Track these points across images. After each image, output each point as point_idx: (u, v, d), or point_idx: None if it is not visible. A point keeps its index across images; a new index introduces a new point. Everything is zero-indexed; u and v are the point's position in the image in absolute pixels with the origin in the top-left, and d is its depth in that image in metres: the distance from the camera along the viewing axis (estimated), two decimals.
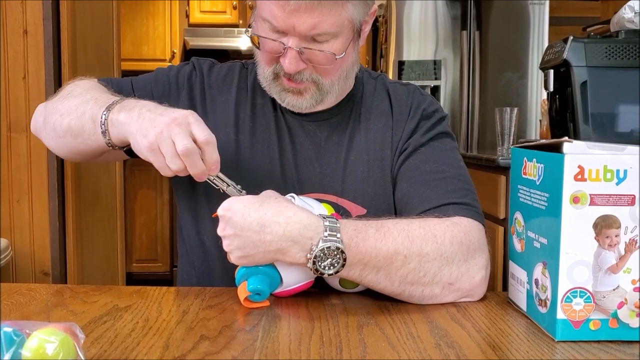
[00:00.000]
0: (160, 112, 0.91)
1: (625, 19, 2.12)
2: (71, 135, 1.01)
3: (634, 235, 0.73)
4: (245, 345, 0.73)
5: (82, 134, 0.99)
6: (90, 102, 0.99)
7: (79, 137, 1.00)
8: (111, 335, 0.76)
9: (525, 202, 0.84)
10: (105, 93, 1.04)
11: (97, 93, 1.03)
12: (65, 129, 1.01)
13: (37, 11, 2.09)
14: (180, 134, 0.87)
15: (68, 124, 1.00)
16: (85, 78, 1.12)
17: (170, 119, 0.88)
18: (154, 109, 0.92)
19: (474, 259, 0.91)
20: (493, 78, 3.36)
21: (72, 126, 1.00)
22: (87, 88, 1.06)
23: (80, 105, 1.00)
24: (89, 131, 0.98)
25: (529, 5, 3.35)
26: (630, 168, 0.73)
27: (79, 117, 0.99)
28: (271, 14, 0.95)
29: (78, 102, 1.01)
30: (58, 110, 1.03)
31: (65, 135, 1.02)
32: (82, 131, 0.99)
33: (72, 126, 1.00)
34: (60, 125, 1.02)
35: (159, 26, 4.49)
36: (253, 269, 0.89)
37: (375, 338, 0.76)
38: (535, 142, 0.83)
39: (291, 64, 0.98)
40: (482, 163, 2.37)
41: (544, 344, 0.75)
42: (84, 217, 2.33)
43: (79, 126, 0.99)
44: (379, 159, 1.08)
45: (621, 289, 0.74)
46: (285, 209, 0.87)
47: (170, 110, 0.91)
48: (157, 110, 0.91)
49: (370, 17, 1.04)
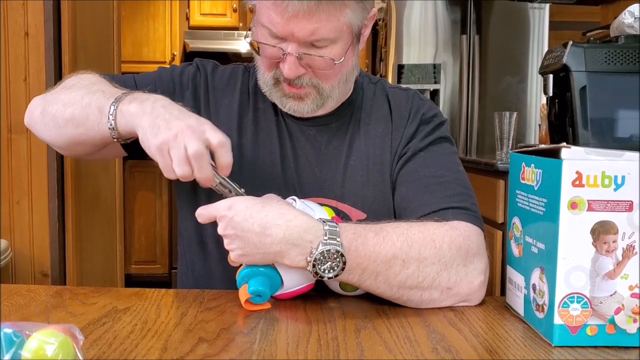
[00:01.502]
0: (176, 115, 0.89)
1: (625, 24, 2.13)
2: (73, 124, 0.99)
3: (632, 241, 0.74)
4: (243, 348, 0.73)
5: (86, 124, 0.97)
6: (97, 93, 0.98)
7: (81, 127, 0.98)
8: (110, 336, 0.76)
9: (523, 207, 0.85)
10: (112, 87, 1.02)
11: (104, 86, 1.02)
12: (68, 118, 0.99)
13: (38, 13, 2.10)
14: (193, 138, 0.86)
15: (72, 113, 0.99)
16: (88, 72, 1.11)
17: (186, 125, 0.87)
18: (168, 107, 0.91)
19: (472, 263, 0.92)
20: (492, 82, 3.36)
21: (75, 115, 0.98)
22: (93, 81, 1.05)
23: (85, 96, 0.98)
24: (94, 121, 0.96)
25: (529, 10, 3.36)
26: (628, 174, 0.73)
27: (84, 107, 0.97)
28: (270, 20, 0.95)
29: (83, 93, 0.99)
30: (60, 100, 1.01)
31: (66, 125, 1.00)
32: (86, 120, 0.97)
33: (76, 115, 0.98)
34: (62, 115, 1.00)
35: (159, 28, 4.50)
36: (254, 271, 0.89)
37: (372, 342, 0.76)
38: (534, 148, 0.84)
39: (290, 70, 0.98)
40: (481, 167, 2.37)
41: (541, 349, 0.75)
42: (84, 218, 2.34)
43: (83, 115, 0.97)
44: (379, 163, 1.08)
45: (618, 295, 0.74)
46: (287, 212, 0.87)
47: (186, 115, 0.90)
48: (172, 111, 0.90)
49: (370, 21, 1.04)
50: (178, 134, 0.86)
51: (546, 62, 2.24)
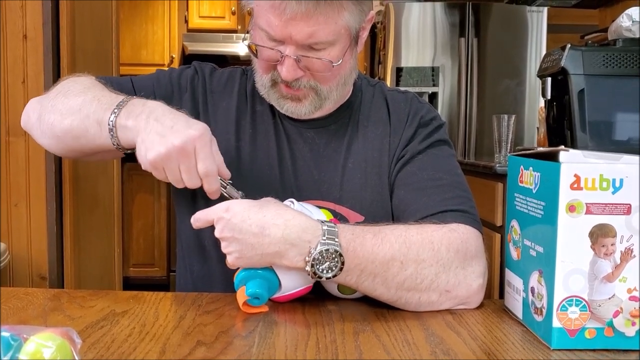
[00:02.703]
0: (170, 125, 0.89)
1: (622, 27, 2.13)
2: (72, 136, 0.99)
3: (630, 244, 0.74)
4: (242, 351, 0.73)
5: (86, 136, 0.97)
6: (94, 102, 0.97)
7: (81, 139, 0.98)
8: (108, 340, 0.76)
9: (522, 210, 0.85)
10: (107, 92, 1.01)
11: (99, 92, 1.00)
12: (66, 129, 0.99)
13: (36, 16, 2.09)
14: (187, 169, 0.89)
15: (70, 125, 0.98)
16: (83, 75, 1.09)
17: (180, 142, 0.87)
18: (161, 118, 0.90)
19: (471, 266, 0.92)
20: (491, 85, 3.37)
21: (74, 127, 0.98)
22: (87, 86, 1.03)
23: (83, 107, 0.97)
24: (94, 134, 0.96)
25: (527, 13, 3.37)
26: (626, 177, 0.73)
27: (82, 119, 0.97)
28: (268, 23, 0.95)
29: (80, 102, 0.98)
30: (57, 110, 1.00)
31: (65, 136, 1.00)
32: (85, 133, 0.97)
33: (75, 127, 0.98)
34: (59, 125, 0.99)
35: (158, 31, 4.50)
36: (252, 273, 0.89)
37: (371, 345, 0.76)
38: (532, 151, 0.84)
39: (289, 72, 0.98)
40: (480, 170, 2.37)
41: (540, 352, 0.75)
42: (82, 221, 2.33)
43: (82, 128, 0.97)
44: (377, 166, 1.08)
45: (617, 298, 0.74)
46: (285, 213, 0.88)
47: (180, 123, 0.89)
48: (165, 122, 0.89)
49: (368, 24, 1.04)
50: (172, 154, 0.87)
51: (544, 65, 2.24)
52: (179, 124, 0.89)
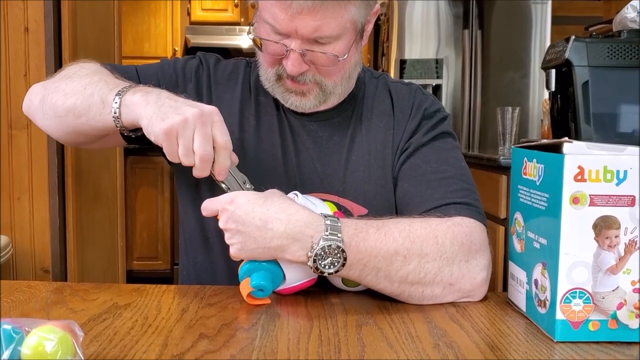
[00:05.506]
0: (183, 101, 0.90)
1: (627, 18, 2.12)
2: (74, 114, 0.99)
3: (634, 236, 0.73)
4: (244, 344, 0.73)
5: (88, 114, 0.97)
6: (100, 83, 0.98)
7: (82, 117, 0.98)
8: (110, 333, 0.76)
9: (525, 202, 0.84)
10: (113, 77, 1.02)
11: (106, 76, 1.02)
12: (69, 108, 0.99)
13: (38, 9, 2.09)
14: (203, 135, 0.87)
15: (73, 103, 0.98)
16: (89, 61, 1.10)
17: (198, 110, 0.87)
18: (173, 97, 0.91)
19: (475, 259, 0.91)
20: (495, 77, 3.36)
21: (77, 105, 0.98)
22: (94, 70, 1.04)
23: (88, 86, 0.98)
24: (96, 111, 0.96)
25: (531, 5, 3.35)
26: (630, 169, 0.73)
27: (87, 97, 0.97)
28: (273, 17, 0.95)
29: (85, 83, 0.99)
30: (61, 90, 1.01)
31: (67, 115, 1.00)
32: (87, 111, 0.97)
33: (78, 105, 0.98)
34: (62, 105, 1.00)
35: (161, 24, 4.50)
36: (256, 265, 0.89)
37: (373, 338, 0.76)
38: (536, 142, 0.83)
39: (294, 66, 0.97)
40: (484, 162, 2.37)
41: (543, 344, 0.75)
42: (85, 214, 2.33)
43: (85, 106, 0.97)
44: (380, 158, 1.07)
45: (620, 290, 0.74)
46: (288, 207, 0.87)
47: (192, 102, 0.91)
48: (178, 99, 0.91)
49: (373, 17, 1.04)
50: (189, 119, 0.86)
51: (548, 57, 2.23)
52: (191, 102, 0.91)
